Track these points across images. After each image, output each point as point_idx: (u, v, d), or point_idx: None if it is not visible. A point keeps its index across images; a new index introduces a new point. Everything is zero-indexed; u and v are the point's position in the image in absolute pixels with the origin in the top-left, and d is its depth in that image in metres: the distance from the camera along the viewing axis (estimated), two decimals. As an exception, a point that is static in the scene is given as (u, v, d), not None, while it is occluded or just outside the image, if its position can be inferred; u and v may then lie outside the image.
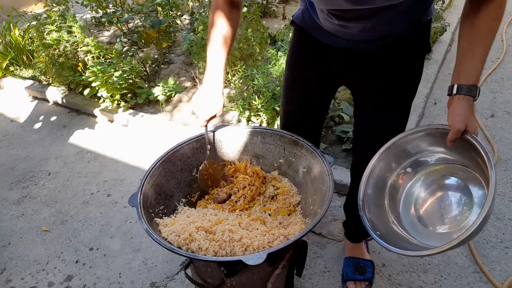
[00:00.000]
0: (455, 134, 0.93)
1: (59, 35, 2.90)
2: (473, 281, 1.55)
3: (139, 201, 1.11)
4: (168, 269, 1.73)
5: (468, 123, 0.93)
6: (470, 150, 0.95)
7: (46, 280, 1.74)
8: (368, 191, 1.08)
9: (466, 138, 0.94)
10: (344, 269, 1.60)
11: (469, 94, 0.94)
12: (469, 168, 1.02)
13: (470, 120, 0.93)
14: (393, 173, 1.12)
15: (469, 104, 0.94)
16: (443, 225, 1.01)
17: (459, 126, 0.92)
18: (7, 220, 2.09)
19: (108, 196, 2.19)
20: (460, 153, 1.02)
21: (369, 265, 1.58)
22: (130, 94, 2.86)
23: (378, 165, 1.10)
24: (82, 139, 2.71)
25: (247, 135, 1.36)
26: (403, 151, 1.10)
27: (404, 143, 1.08)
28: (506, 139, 2.26)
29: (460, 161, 1.03)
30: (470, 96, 0.95)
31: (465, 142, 0.95)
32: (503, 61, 3.06)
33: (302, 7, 1.20)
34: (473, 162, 0.98)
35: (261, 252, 0.95)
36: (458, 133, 0.93)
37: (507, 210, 1.83)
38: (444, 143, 0.98)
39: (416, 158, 1.10)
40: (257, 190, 1.32)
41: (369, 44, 1.10)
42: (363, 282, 1.54)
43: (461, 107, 0.94)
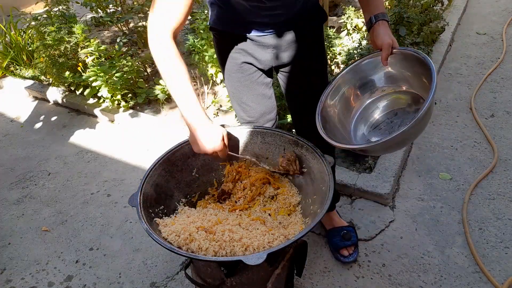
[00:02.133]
0: (388, 49, 1.16)
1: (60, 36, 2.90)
2: (473, 281, 1.55)
3: (139, 201, 1.11)
4: (168, 269, 1.73)
5: (394, 40, 1.17)
6: (403, 60, 1.20)
7: (46, 280, 1.74)
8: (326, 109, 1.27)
9: (399, 50, 1.17)
10: (332, 240, 1.71)
11: (385, 19, 1.20)
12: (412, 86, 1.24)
13: (394, 38, 1.18)
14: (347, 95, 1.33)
15: (387, 27, 1.20)
16: None
17: (389, 41, 1.16)
18: (7, 220, 2.09)
19: (108, 196, 2.19)
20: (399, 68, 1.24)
21: (351, 230, 1.72)
22: (130, 94, 2.86)
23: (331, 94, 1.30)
24: (82, 139, 2.71)
25: (247, 135, 1.36)
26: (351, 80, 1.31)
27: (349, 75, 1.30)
28: (506, 139, 2.26)
29: (403, 75, 1.25)
30: (385, 20, 1.20)
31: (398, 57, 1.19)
32: (503, 61, 3.06)
33: (214, 11, 1.28)
34: (412, 72, 1.21)
35: (261, 252, 0.95)
36: (389, 47, 1.16)
37: (507, 210, 1.83)
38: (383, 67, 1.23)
39: (365, 81, 1.31)
40: (257, 190, 1.32)
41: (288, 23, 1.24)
42: (351, 247, 1.68)
43: (384, 28, 1.19)
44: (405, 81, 1.26)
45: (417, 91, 1.23)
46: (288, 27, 1.25)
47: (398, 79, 1.27)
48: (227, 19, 1.26)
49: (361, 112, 1.33)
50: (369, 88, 1.31)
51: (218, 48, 1.38)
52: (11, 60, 3.61)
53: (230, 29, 1.28)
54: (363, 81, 1.31)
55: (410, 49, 1.17)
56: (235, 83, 1.38)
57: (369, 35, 1.25)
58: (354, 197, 2.00)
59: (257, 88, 1.39)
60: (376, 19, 1.20)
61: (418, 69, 1.16)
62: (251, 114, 1.43)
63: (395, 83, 1.28)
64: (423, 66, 1.11)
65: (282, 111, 2.31)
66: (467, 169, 2.09)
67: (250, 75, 1.35)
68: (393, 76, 1.27)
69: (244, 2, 1.13)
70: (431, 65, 1.07)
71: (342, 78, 1.29)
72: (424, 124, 1.11)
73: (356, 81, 1.31)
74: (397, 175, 2.05)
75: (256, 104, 1.41)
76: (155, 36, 1.04)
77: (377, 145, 1.09)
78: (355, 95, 1.33)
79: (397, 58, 1.21)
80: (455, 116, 2.52)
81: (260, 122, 1.45)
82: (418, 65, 1.14)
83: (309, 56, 1.35)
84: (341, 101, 1.31)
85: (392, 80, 1.28)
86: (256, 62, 1.33)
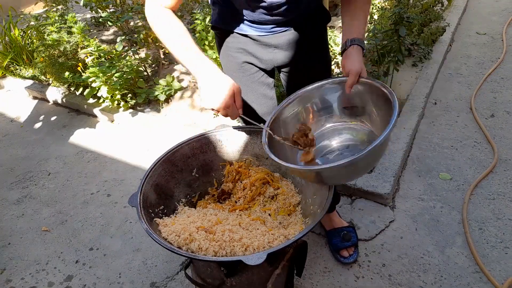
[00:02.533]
0: (355, 76, 1.10)
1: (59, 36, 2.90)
2: (473, 281, 1.55)
3: (139, 201, 1.11)
4: (168, 269, 1.73)
5: (363, 68, 1.11)
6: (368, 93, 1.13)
7: (46, 280, 1.74)
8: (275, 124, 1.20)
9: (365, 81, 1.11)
10: (332, 241, 1.70)
11: (360, 45, 1.14)
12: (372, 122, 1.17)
13: (363, 67, 1.12)
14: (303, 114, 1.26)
15: (360, 53, 1.14)
16: None
17: (357, 69, 1.10)
18: (7, 220, 2.09)
19: (108, 196, 2.19)
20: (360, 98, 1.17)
21: (351, 230, 1.71)
22: (130, 94, 2.86)
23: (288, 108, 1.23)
24: (82, 139, 2.71)
25: (247, 135, 1.36)
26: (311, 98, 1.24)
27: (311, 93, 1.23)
28: (506, 139, 2.26)
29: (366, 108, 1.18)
30: (360, 47, 1.14)
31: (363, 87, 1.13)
32: (503, 61, 3.06)
33: (216, 10, 1.27)
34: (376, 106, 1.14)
35: (261, 252, 0.95)
36: (357, 76, 1.10)
37: (507, 210, 1.83)
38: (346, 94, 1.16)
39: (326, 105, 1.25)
40: (257, 190, 1.32)
41: (290, 23, 1.22)
42: (351, 247, 1.67)
43: (356, 54, 1.13)
44: (366, 115, 1.19)
45: (376, 128, 1.16)
46: (290, 27, 1.25)
47: (360, 111, 1.20)
48: (229, 18, 1.26)
49: (317, 134, 1.26)
50: (327, 112, 1.25)
51: (220, 47, 1.37)
52: (11, 60, 3.61)
53: (232, 28, 1.27)
54: (323, 103, 1.24)
55: (378, 82, 1.09)
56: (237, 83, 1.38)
57: (342, 58, 1.19)
58: (354, 197, 2.00)
59: (259, 88, 1.38)
60: (352, 43, 1.15)
61: (382, 105, 1.08)
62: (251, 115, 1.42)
63: (356, 115, 1.21)
64: (387, 103, 1.03)
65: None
66: (467, 169, 2.09)
67: (252, 75, 1.35)
68: (355, 106, 1.20)
69: (245, 3, 1.13)
70: (394, 104, 0.99)
71: (301, 95, 1.23)
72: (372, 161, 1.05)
73: (315, 102, 1.24)
74: (397, 175, 2.05)
75: (257, 105, 1.41)
76: (151, 5, 1.08)
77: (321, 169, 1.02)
78: (311, 116, 1.27)
79: (363, 89, 1.14)
80: (455, 116, 2.52)
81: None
82: (383, 101, 1.06)
83: (312, 57, 1.34)
84: (294, 119, 1.24)
85: (353, 111, 1.21)
86: (257, 62, 1.33)
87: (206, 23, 2.79)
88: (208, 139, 1.36)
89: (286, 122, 1.22)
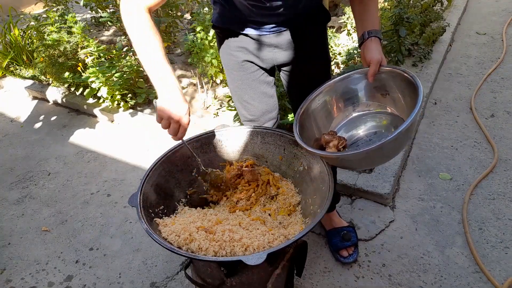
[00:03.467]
0: (376, 66, 1.14)
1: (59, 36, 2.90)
2: (473, 281, 1.55)
3: (139, 201, 1.11)
4: (168, 269, 1.73)
5: (383, 58, 1.16)
6: (392, 80, 1.17)
7: (46, 280, 1.74)
8: None
9: (388, 69, 1.15)
10: (332, 241, 1.70)
11: (377, 36, 1.18)
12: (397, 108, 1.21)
13: (383, 56, 1.16)
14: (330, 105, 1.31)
15: (379, 44, 1.18)
16: None
17: (378, 58, 1.14)
18: (7, 220, 2.09)
19: (108, 196, 2.19)
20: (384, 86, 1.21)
21: (351, 230, 1.71)
22: (130, 94, 2.86)
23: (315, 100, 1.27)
24: (82, 139, 2.71)
25: (247, 135, 1.36)
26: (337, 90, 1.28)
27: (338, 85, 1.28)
28: (506, 139, 2.26)
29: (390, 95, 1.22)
30: (378, 38, 1.18)
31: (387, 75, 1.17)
32: (503, 61, 3.06)
33: (217, 9, 1.28)
34: (400, 93, 1.18)
35: (261, 252, 0.95)
36: (378, 65, 1.14)
37: (507, 210, 1.83)
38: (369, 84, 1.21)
39: (351, 95, 1.29)
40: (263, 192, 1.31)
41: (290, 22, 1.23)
42: (351, 247, 1.67)
43: (375, 45, 1.17)
44: (390, 101, 1.23)
45: (401, 113, 1.20)
46: (290, 27, 1.25)
47: (384, 99, 1.24)
48: (230, 17, 1.26)
49: (344, 124, 1.31)
50: (352, 102, 1.29)
51: (220, 45, 1.38)
52: (11, 60, 3.61)
53: (232, 27, 1.28)
54: (348, 94, 1.28)
55: (400, 68, 1.14)
56: (237, 81, 1.39)
57: (360, 51, 1.23)
58: (354, 197, 2.00)
59: (259, 86, 1.39)
60: (369, 35, 1.18)
61: (406, 90, 1.13)
62: (253, 113, 1.43)
63: (380, 103, 1.26)
64: (411, 87, 1.08)
65: (282, 111, 2.31)
66: (467, 169, 2.09)
67: (252, 73, 1.36)
68: (379, 94, 1.25)
69: (245, 1, 1.13)
70: (419, 87, 1.04)
71: (328, 87, 1.27)
72: (400, 145, 1.08)
73: (341, 93, 1.28)
74: (397, 175, 2.05)
75: (258, 103, 1.41)
76: (127, 6, 1.04)
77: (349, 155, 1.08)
78: (337, 106, 1.31)
79: (386, 77, 1.19)
80: (455, 116, 2.52)
81: (262, 120, 1.45)
82: (406, 85, 1.11)
83: (311, 56, 1.35)
84: (322, 110, 1.29)
85: (378, 98, 1.26)
86: (257, 61, 1.34)
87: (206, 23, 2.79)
88: (208, 139, 1.36)
89: (314, 113, 1.27)
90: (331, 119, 1.31)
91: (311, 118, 1.27)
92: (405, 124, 0.96)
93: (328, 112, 1.30)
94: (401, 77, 1.13)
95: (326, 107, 1.30)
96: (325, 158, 1.15)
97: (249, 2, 1.13)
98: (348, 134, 1.29)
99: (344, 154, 1.12)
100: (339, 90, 1.28)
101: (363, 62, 1.23)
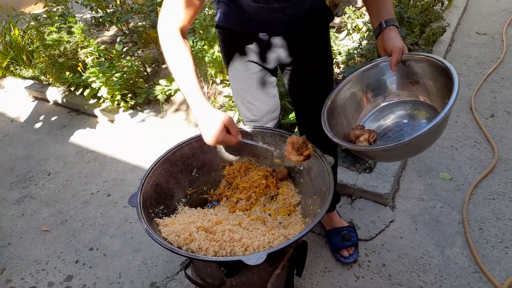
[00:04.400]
0: (399, 54, 1.12)
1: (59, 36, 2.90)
2: (473, 281, 1.55)
3: (139, 201, 1.11)
4: (168, 269, 1.73)
5: (404, 46, 1.14)
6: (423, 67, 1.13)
7: (46, 280, 1.74)
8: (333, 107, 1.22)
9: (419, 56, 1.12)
10: (332, 241, 1.70)
11: (394, 24, 1.17)
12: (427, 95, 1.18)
13: (404, 44, 1.14)
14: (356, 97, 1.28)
15: (397, 32, 1.17)
16: None
17: (400, 46, 1.12)
18: (7, 220, 2.09)
19: (108, 196, 2.19)
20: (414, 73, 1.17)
21: (351, 230, 1.71)
22: (130, 94, 2.86)
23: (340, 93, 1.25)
24: (82, 139, 2.71)
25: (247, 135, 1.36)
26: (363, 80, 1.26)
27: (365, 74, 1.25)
28: (506, 139, 2.26)
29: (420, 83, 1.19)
30: (395, 26, 1.17)
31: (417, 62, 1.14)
32: (503, 61, 3.06)
33: (221, 9, 1.28)
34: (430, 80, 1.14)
35: (261, 252, 0.95)
36: (400, 53, 1.12)
37: (507, 210, 1.83)
38: None
39: (378, 84, 1.26)
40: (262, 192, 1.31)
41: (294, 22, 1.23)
42: (351, 247, 1.67)
43: (394, 33, 1.15)
44: (422, 89, 1.19)
45: (431, 100, 1.17)
46: (294, 27, 1.25)
47: (415, 87, 1.21)
48: (234, 18, 1.26)
49: (373, 114, 1.28)
50: (382, 92, 1.26)
51: (223, 46, 1.38)
52: (11, 60, 3.61)
53: (236, 28, 1.28)
54: (377, 83, 1.25)
55: (432, 56, 1.10)
56: (240, 82, 1.39)
57: (378, 41, 1.20)
58: (354, 197, 2.00)
59: (262, 86, 1.39)
60: (387, 24, 1.17)
61: (439, 78, 1.09)
62: (255, 113, 1.43)
63: (411, 91, 1.22)
64: (442, 74, 1.04)
65: (282, 111, 2.31)
66: (467, 169, 2.09)
67: (255, 73, 1.36)
68: (409, 83, 1.21)
69: (252, 2, 1.13)
70: (453, 75, 0.99)
71: (354, 78, 1.24)
72: (435, 136, 1.06)
73: (369, 82, 1.25)
74: (397, 175, 2.05)
75: (260, 103, 1.41)
76: (162, 32, 1.11)
77: (379, 150, 1.07)
78: (366, 97, 1.28)
79: (416, 64, 1.15)
80: (455, 116, 2.52)
81: (264, 120, 1.45)
82: (439, 73, 1.07)
83: (314, 56, 1.34)
84: (350, 101, 1.26)
85: (408, 87, 1.22)
86: (261, 61, 1.34)
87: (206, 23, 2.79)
88: (208, 139, 1.36)
89: (343, 105, 1.25)
90: (360, 110, 1.28)
91: (339, 110, 1.24)
92: (438, 118, 0.92)
93: (357, 103, 1.27)
94: (433, 64, 1.09)
95: (354, 98, 1.26)
96: (357, 151, 1.14)
97: (257, 4, 1.13)
98: (376, 124, 1.26)
99: (374, 148, 1.10)
100: (367, 80, 1.25)
101: (381, 52, 1.20)
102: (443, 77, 1.04)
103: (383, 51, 1.19)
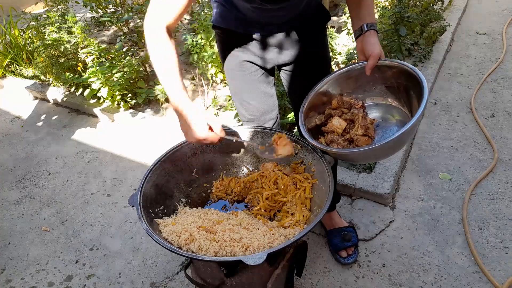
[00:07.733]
0: (375, 59, 1.15)
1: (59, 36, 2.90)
2: (473, 281, 1.55)
3: (139, 201, 1.11)
4: (168, 269, 1.73)
5: (382, 51, 1.16)
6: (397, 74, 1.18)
7: (46, 280, 1.74)
8: None
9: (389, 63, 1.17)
10: (332, 241, 1.71)
11: (375, 29, 1.19)
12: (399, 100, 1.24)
13: (382, 50, 1.17)
14: None
15: (377, 37, 1.19)
16: None
17: (378, 52, 1.15)
18: (7, 220, 2.09)
19: (108, 196, 2.19)
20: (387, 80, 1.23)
21: (351, 230, 1.72)
22: (130, 94, 2.86)
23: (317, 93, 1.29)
24: (82, 139, 2.71)
25: (247, 135, 1.36)
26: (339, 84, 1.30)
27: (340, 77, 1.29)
28: (506, 139, 2.26)
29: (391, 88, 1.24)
30: (375, 30, 1.19)
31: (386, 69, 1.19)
32: (503, 61, 3.06)
33: (218, 9, 1.27)
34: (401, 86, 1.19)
35: (261, 252, 0.95)
36: (377, 59, 1.15)
37: (507, 210, 1.83)
38: None
39: (353, 88, 1.31)
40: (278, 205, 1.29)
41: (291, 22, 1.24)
42: (351, 248, 1.68)
43: (373, 38, 1.17)
44: (394, 95, 1.25)
45: (402, 105, 1.23)
46: (290, 27, 1.25)
47: (388, 92, 1.26)
48: (230, 18, 1.26)
49: None
50: (357, 94, 1.31)
51: (220, 46, 1.38)
52: (11, 60, 3.61)
53: (232, 28, 1.28)
54: (352, 86, 1.30)
55: (403, 63, 1.14)
56: (237, 81, 1.39)
57: (357, 43, 1.22)
58: (354, 197, 2.00)
59: (259, 86, 1.39)
60: (368, 28, 1.18)
61: (409, 84, 1.14)
62: (252, 112, 1.43)
63: (384, 96, 1.28)
64: (414, 82, 1.10)
65: (282, 111, 2.31)
66: (467, 169, 2.09)
67: (252, 73, 1.36)
68: (383, 87, 1.26)
69: (247, 3, 1.13)
70: (422, 81, 1.06)
71: (331, 80, 1.28)
72: (405, 140, 1.11)
73: (344, 86, 1.30)
74: (397, 175, 2.05)
75: (258, 103, 1.41)
76: (148, 28, 1.07)
77: (353, 153, 1.12)
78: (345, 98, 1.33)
79: (389, 71, 1.20)
80: (455, 116, 2.52)
81: (261, 120, 1.45)
82: (409, 80, 1.12)
83: (312, 56, 1.35)
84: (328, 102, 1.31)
85: (381, 91, 1.27)
86: (258, 61, 1.34)
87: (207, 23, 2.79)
88: (208, 139, 1.36)
89: (319, 107, 1.30)
90: None
91: (316, 110, 1.29)
92: (408, 125, 0.98)
93: None
94: (405, 71, 1.14)
95: (330, 100, 1.31)
96: (329, 152, 1.17)
97: (251, 5, 1.14)
98: None
99: (345, 151, 1.14)
100: (342, 84, 1.29)
101: (359, 56, 1.23)
102: (415, 85, 1.09)
103: (361, 54, 1.21)
